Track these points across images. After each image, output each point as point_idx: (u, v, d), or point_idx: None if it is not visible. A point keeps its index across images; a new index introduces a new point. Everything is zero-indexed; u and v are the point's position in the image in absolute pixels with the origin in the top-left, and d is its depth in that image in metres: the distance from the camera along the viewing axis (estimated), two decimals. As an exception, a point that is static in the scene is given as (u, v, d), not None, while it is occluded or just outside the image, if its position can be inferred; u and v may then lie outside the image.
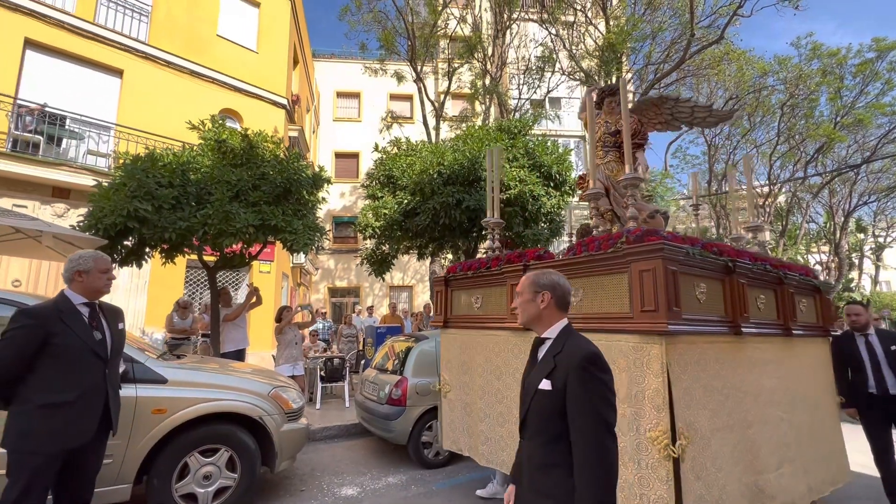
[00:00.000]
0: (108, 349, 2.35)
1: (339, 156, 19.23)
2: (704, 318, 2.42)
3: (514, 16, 14.86)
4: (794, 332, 3.06)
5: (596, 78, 12.85)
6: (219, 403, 3.36)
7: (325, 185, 6.38)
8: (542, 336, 1.52)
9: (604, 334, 2.37)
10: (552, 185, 7.76)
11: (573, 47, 13.96)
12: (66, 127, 8.47)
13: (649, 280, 2.18)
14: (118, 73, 9.35)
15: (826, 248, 23.06)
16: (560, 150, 8.28)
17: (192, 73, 10.34)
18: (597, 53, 12.91)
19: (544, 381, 1.40)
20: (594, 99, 3.68)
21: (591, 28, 13.65)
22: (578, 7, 13.55)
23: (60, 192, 8.23)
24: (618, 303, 2.39)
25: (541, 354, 1.51)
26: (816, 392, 3.31)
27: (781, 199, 21.05)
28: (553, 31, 14.15)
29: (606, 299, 2.47)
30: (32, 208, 7.93)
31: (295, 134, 12.83)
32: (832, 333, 3.69)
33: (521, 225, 7.31)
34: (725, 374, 2.46)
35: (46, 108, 8.16)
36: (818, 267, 21.89)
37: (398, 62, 15.15)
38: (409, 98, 19.01)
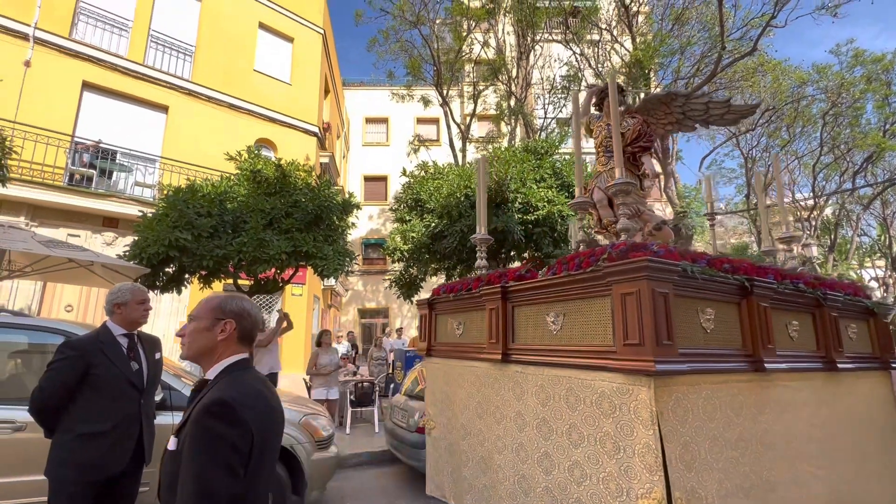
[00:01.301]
0: (144, 379, 2.42)
1: (367, 179, 19.69)
2: (712, 353, 1.98)
3: (538, 37, 15.01)
4: (839, 365, 2.54)
5: (624, 95, 12.70)
6: (251, 431, 3.38)
7: (355, 210, 6.51)
8: (206, 377, 1.24)
9: (584, 371, 1.98)
10: (581, 204, 7.62)
11: (599, 66, 13.92)
12: (117, 161, 9.07)
13: (633, 305, 1.75)
14: (164, 108, 9.99)
15: (882, 263, 21.52)
16: (589, 169, 8.16)
17: (231, 106, 10.92)
18: (624, 70, 12.81)
19: (172, 438, 1.14)
20: (593, 100, 3.39)
21: (616, 46, 13.60)
22: (603, 26, 13.54)
23: (110, 222, 8.75)
24: (601, 332, 1.97)
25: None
26: (868, 440, 2.70)
27: (828, 211, 19.93)
28: (577, 51, 14.19)
29: (589, 328, 2.05)
30: (85, 237, 8.45)
31: (326, 160, 13.24)
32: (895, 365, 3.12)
33: (551, 245, 7.19)
34: (742, 422, 1.98)
35: (100, 145, 8.79)
36: (874, 283, 20.43)
37: (424, 87, 15.52)
38: (435, 121, 19.37)
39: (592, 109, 3.45)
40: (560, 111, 15.37)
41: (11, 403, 2.83)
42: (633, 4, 12.63)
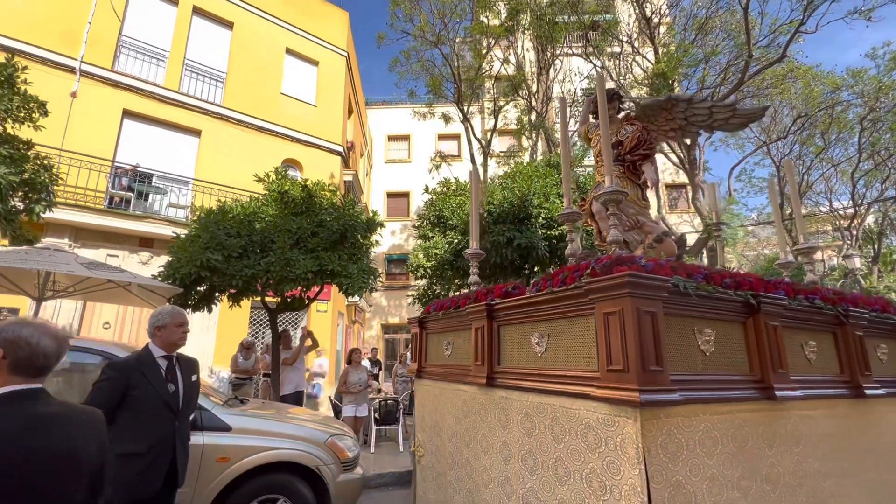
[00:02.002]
0: (180, 402, 2.47)
1: (390, 196, 19.95)
2: (712, 379, 1.77)
3: (558, 51, 15.06)
4: (866, 390, 2.29)
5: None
6: (278, 452, 3.40)
7: (379, 228, 6.59)
8: None
9: (570, 399, 1.79)
10: (606, 218, 7.50)
11: (621, 78, 13.82)
12: (153, 183, 9.49)
13: (616, 326, 1.58)
14: (197, 133, 10.43)
15: (932, 274, 20.21)
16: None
17: (259, 129, 11.32)
18: (646, 82, 12.68)
19: None
20: (590, 108, 3.24)
21: (638, 58, 13.49)
22: (624, 39, 13.48)
23: (146, 242, 9.12)
24: (585, 356, 1.80)
25: None
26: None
27: (870, 220, 18.97)
28: (598, 64, 14.14)
29: (573, 351, 1.87)
30: (122, 257, 8.82)
31: (350, 178, 13.51)
32: None
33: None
34: (747, 458, 1.76)
35: (138, 168, 9.22)
36: (925, 296, 19.18)
37: (445, 104, 15.73)
38: (456, 137, 19.55)
39: (591, 118, 3.32)
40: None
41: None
42: (654, 16, 12.55)
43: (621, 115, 3.06)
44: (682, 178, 16.43)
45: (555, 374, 1.92)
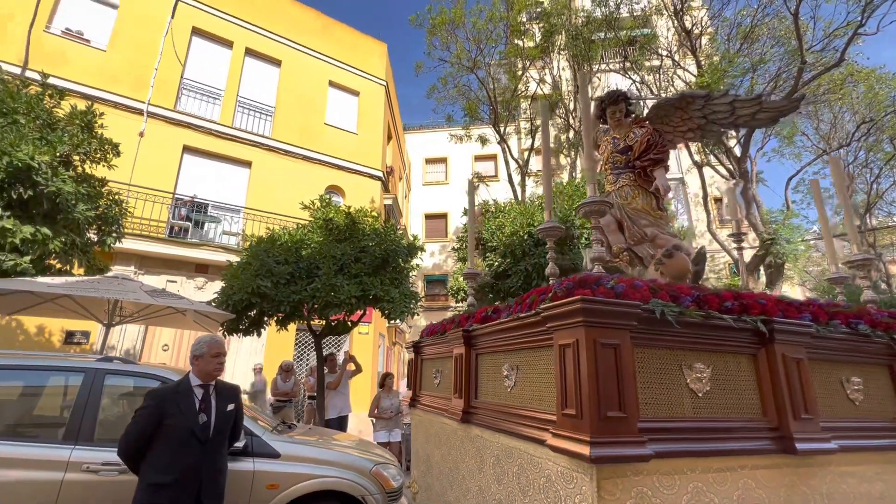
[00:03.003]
0: (210, 432, 2.44)
1: (428, 217, 20.21)
2: (704, 426, 1.41)
3: (595, 68, 14.94)
4: None
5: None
6: (324, 481, 3.41)
7: (419, 252, 6.65)
8: None
9: (532, 444, 1.53)
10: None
11: (661, 92, 13.48)
12: (208, 213, 10.11)
13: (571, 362, 1.33)
14: (248, 164, 11.08)
15: None
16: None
17: (305, 158, 11.87)
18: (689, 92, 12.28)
19: None
20: (597, 113, 2.96)
21: (679, 71, 13.14)
22: (664, 53, 13.20)
23: (201, 268, 9.66)
24: (548, 395, 1.53)
25: None
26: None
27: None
28: (637, 79, 13.88)
29: (539, 387, 1.62)
30: (180, 282, 9.38)
31: (389, 202, 13.82)
32: None
33: (622, 282, 6.81)
34: None
35: (195, 199, 9.88)
36: None
37: (482, 126, 15.90)
38: (493, 157, 19.65)
39: (601, 124, 3.06)
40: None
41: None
42: (694, 28, 12.23)
43: (630, 118, 2.82)
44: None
45: (521, 415, 1.66)
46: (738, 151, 12.08)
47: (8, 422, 3.14)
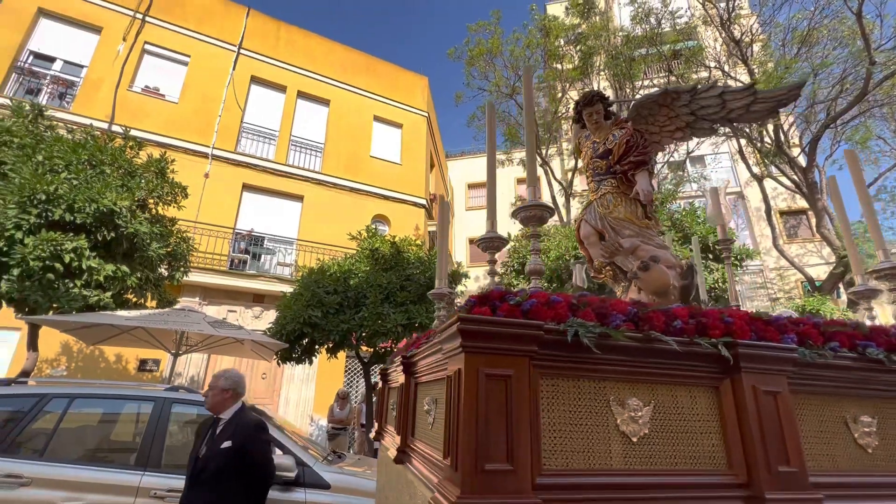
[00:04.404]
0: (193, 467, 2.42)
1: (472, 242, 20.25)
2: (636, 482, 1.12)
3: (637, 84, 14.65)
4: None
5: (747, 130, 11.52)
6: (374, 514, 3.39)
7: (463, 279, 6.66)
8: None
9: (424, 486, 1.32)
10: (711, 257, 6.79)
11: (711, 103, 12.93)
12: (264, 245, 10.74)
13: (455, 396, 1.11)
14: (300, 198, 11.72)
15: None
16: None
17: (352, 190, 12.39)
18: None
19: None
20: (573, 116, 2.74)
21: (730, 81, 12.58)
22: (712, 64, 12.73)
23: (258, 298, 10.20)
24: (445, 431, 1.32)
25: None
26: None
27: None
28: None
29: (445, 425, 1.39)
30: (239, 312, 9.93)
31: (434, 229, 14.04)
32: None
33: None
34: None
35: (253, 233, 10.54)
36: None
37: (523, 149, 15.93)
38: (536, 180, 19.55)
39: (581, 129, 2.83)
40: (671, 155, 14.41)
41: (182, 472, 3.25)
42: (744, 36, 11.74)
43: (610, 120, 2.64)
44: (800, 202, 14.47)
45: (434, 461, 1.39)
46: (802, 161, 11.25)
47: (88, 447, 3.41)
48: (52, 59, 10.14)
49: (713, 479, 1.17)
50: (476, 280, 19.06)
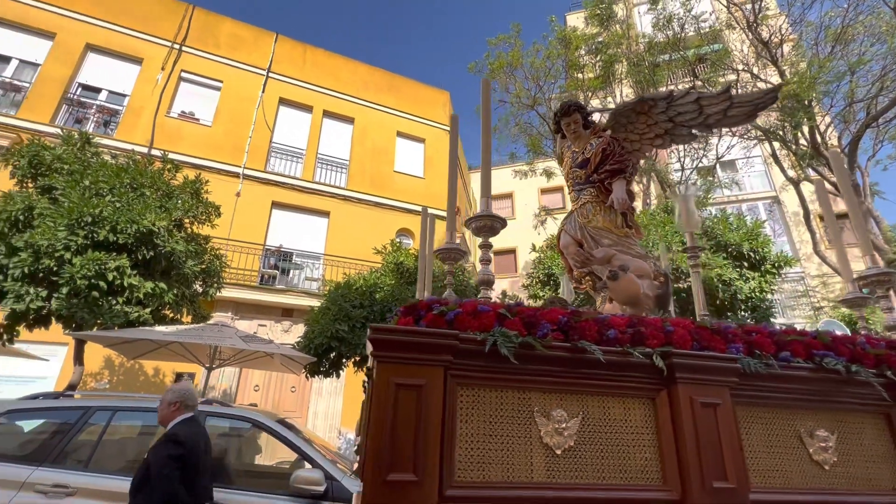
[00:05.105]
0: (134, 479, 2.42)
1: (496, 253, 20.15)
2: (561, 497, 1.07)
3: (662, 90, 14.39)
4: None
5: (780, 133, 11.12)
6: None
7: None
8: None
9: None
10: (746, 265, 6.54)
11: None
12: (293, 261, 11.01)
13: (367, 405, 1.13)
14: (326, 214, 12.00)
15: None
16: (748, 223, 7.07)
17: (377, 205, 12.61)
18: (776, 105, 11.31)
19: None
20: (553, 127, 2.74)
21: (760, 83, 12.21)
22: (740, 67, 12.40)
23: (287, 312, 10.44)
24: None
25: None
26: None
27: None
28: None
29: None
30: (269, 326, 10.17)
31: (458, 241, 14.09)
32: None
33: (714, 315, 6.18)
34: None
35: (282, 249, 10.84)
36: None
37: (546, 159, 15.86)
38: (559, 189, 19.36)
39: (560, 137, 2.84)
40: (700, 160, 14.03)
41: (217, 484, 3.33)
42: (773, 37, 11.42)
43: (589, 129, 2.63)
44: (842, 205, 13.76)
45: None
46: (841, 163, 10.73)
47: (129, 458, 3.54)
48: (98, 90, 10.85)
49: (645, 494, 1.12)
50: (502, 292, 18.92)
